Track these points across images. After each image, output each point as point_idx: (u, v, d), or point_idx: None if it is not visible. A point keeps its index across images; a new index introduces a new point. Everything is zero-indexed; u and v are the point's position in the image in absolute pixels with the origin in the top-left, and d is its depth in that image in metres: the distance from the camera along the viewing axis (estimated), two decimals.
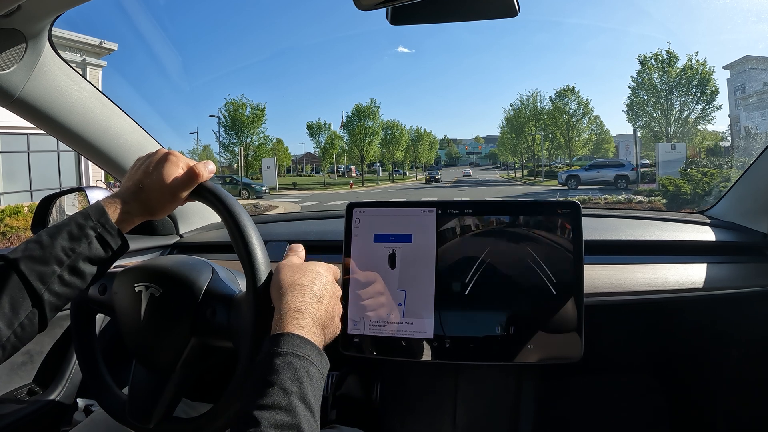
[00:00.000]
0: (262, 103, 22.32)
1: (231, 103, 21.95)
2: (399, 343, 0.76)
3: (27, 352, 0.91)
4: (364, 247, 0.79)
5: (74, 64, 12.24)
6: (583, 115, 22.70)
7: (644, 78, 18.16)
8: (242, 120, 21.74)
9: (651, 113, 18.04)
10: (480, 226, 0.77)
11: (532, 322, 0.73)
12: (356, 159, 25.85)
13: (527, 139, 24.23)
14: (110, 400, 0.63)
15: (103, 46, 12.61)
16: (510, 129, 25.39)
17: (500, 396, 0.98)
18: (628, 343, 0.96)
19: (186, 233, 1.21)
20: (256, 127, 22.03)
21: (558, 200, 0.77)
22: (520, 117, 24.59)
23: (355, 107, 24.96)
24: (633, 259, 0.89)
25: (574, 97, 22.75)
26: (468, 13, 0.62)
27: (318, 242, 1.06)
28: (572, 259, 0.73)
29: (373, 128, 25.11)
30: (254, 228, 0.57)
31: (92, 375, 0.65)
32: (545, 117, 23.61)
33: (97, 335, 0.68)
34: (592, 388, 1.04)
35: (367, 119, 24.94)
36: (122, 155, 1.01)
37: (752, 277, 0.87)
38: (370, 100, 26.81)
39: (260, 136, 22.29)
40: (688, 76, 17.33)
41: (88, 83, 0.91)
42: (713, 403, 1.03)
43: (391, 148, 26.85)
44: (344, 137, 25.69)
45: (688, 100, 17.44)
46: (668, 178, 13.01)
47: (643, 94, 18.20)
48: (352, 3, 0.56)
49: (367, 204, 0.81)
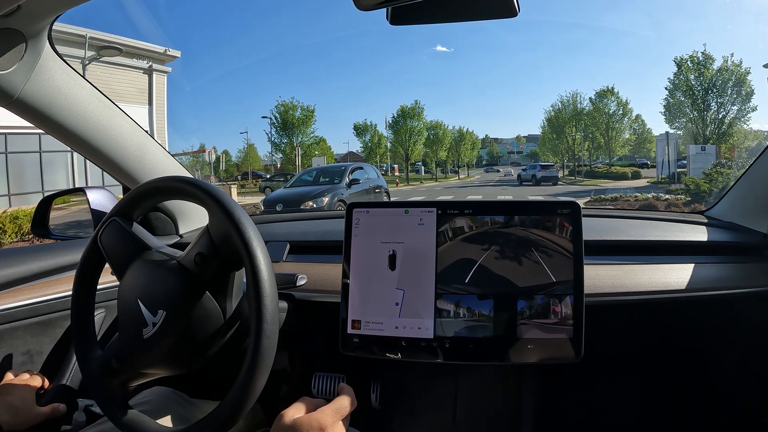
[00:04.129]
0: (312, 105, 23.58)
1: (282, 104, 23.29)
2: (399, 344, 0.76)
3: (27, 352, 0.91)
4: (364, 247, 0.79)
5: (141, 71, 12.34)
6: (623, 115, 23.04)
7: (681, 79, 18.39)
8: (293, 121, 23.06)
9: (688, 114, 18.28)
10: (480, 226, 0.77)
11: (532, 322, 0.73)
12: (400, 158, 26.80)
13: (567, 140, 24.69)
14: (89, 355, 0.66)
15: (168, 53, 14.15)
16: (551, 129, 25.82)
17: (500, 396, 0.98)
18: (629, 343, 0.96)
19: (186, 233, 1.21)
20: (306, 127, 23.28)
21: (558, 200, 0.77)
22: (561, 118, 25.03)
23: (401, 108, 26.02)
24: (633, 260, 0.89)
25: (614, 97, 23.09)
26: (468, 13, 0.62)
27: (318, 242, 1.06)
28: (572, 259, 0.73)
29: (417, 128, 26.12)
30: (254, 228, 0.57)
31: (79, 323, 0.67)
32: (585, 118, 24.02)
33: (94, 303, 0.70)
34: (592, 388, 1.04)
35: (412, 120, 25.97)
36: (122, 156, 1.01)
37: (753, 277, 0.87)
38: (414, 101, 28.10)
39: (310, 136, 23.60)
40: (724, 77, 17.44)
41: (88, 83, 0.91)
42: (713, 404, 1.03)
43: (434, 148, 27.90)
44: (388, 137, 26.64)
45: (724, 101, 17.56)
46: (691, 178, 13.35)
47: (680, 95, 18.44)
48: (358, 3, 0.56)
49: (367, 204, 0.81)
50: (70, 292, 0.68)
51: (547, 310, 0.73)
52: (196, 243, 0.61)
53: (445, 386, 0.98)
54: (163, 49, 14.00)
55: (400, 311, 0.76)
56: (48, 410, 0.75)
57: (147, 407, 0.77)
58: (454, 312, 0.75)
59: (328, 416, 0.53)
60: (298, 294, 0.90)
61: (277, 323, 0.56)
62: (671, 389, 1.03)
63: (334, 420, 0.53)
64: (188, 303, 0.60)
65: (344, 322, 0.78)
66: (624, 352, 0.97)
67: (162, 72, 14.17)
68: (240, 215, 0.57)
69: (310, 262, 1.01)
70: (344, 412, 0.55)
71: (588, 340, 0.71)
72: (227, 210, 0.57)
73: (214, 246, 0.60)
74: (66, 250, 0.99)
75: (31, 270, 0.92)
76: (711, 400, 1.03)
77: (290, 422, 0.52)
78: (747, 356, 0.96)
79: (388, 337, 0.76)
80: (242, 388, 0.53)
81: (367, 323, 0.77)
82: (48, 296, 0.92)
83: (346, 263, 0.80)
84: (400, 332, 0.76)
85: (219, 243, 0.59)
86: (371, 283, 0.78)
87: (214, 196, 0.58)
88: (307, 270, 0.89)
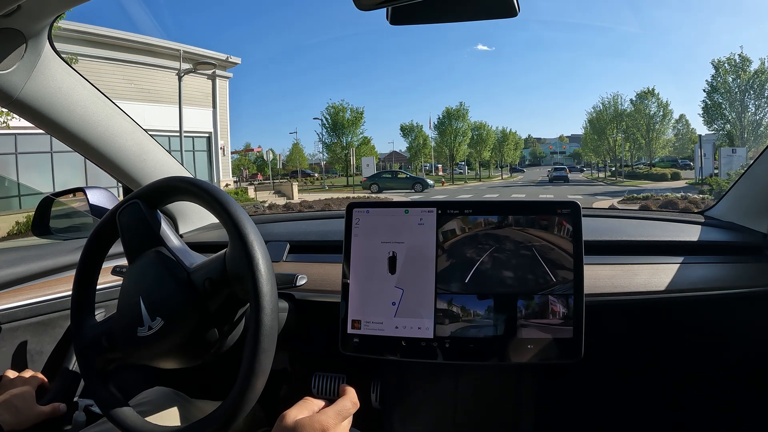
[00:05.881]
0: (361, 107, 24.95)
1: (332, 106, 24.65)
2: (399, 344, 0.76)
3: (27, 352, 0.91)
4: (365, 247, 0.79)
5: (205, 77, 13.68)
6: (663, 117, 23.30)
7: (718, 82, 18.56)
8: (343, 122, 24.36)
9: (726, 116, 18.44)
10: (480, 226, 0.77)
11: (532, 322, 0.73)
12: (444, 158, 27.82)
13: (609, 141, 25.12)
14: (84, 323, 0.67)
15: (230, 60, 15.96)
16: (592, 131, 26.26)
17: (500, 396, 0.98)
18: (629, 343, 0.96)
19: (186, 233, 1.21)
20: (355, 128, 24.67)
21: (558, 200, 0.77)
22: (602, 119, 25.44)
23: (446, 110, 26.89)
24: (633, 259, 0.89)
25: (654, 99, 23.35)
26: (468, 13, 0.62)
27: (318, 242, 1.06)
28: (572, 259, 0.73)
29: (462, 129, 26.99)
30: (254, 228, 0.57)
31: (81, 287, 0.68)
32: (626, 119, 24.34)
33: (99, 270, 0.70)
34: (592, 388, 1.04)
35: (457, 121, 26.83)
36: (122, 155, 1.01)
37: (752, 277, 0.87)
38: (459, 103, 29.01)
39: (359, 137, 25.02)
40: (761, 79, 17.62)
41: (88, 83, 0.91)
42: (713, 404, 1.03)
43: (478, 148, 28.72)
44: (432, 137, 27.63)
45: (761, 102, 17.79)
46: (714, 179, 13.95)
47: (718, 97, 18.60)
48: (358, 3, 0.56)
49: (367, 204, 0.81)
50: (70, 292, 0.68)
51: (547, 310, 0.73)
52: (209, 266, 0.61)
53: (445, 386, 0.98)
54: (225, 56, 15.83)
55: (397, 311, 0.76)
56: (48, 410, 0.75)
57: (147, 407, 0.77)
58: (454, 312, 0.75)
59: (330, 418, 0.53)
60: (298, 294, 0.90)
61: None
62: (671, 389, 1.03)
63: (336, 422, 0.53)
64: (187, 324, 0.60)
65: (344, 322, 0.78)
66: (624, 352, 0.97)
67: (224, 77, 15.97)
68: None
69: (310, 261, 1.01)
70: (347, 413, 0.55)
71: (588, 340, 0.71)
72: (249, 250, 0.55)
73: (227, 279, 0.59)
74: (66, 250, 0.99)
75: (31, 270, 0.92)
76: (710, 400, 1.03)
77: (292, 423, 0.52)
78: (747, 356, 0.96)
79: (388, 337, 0.76)
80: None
81: (367, 323, 0.77)
82: (48, 296, 0.92)
83: (346, 263, 0.80)
84: (400, 332, 0.76)
85: (232, 277, 0.59)
86: (371, 283, 0.78)
87: (242, 231, 0.56)
88: (307, 270, 0.89)
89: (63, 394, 0.85)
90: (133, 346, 0.61)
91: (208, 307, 0.60)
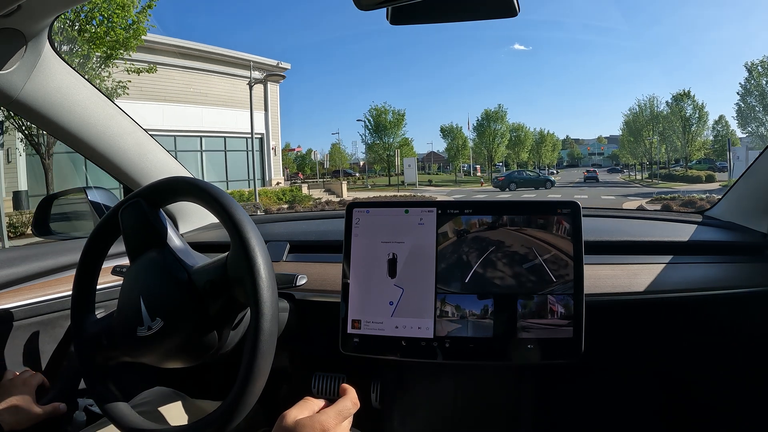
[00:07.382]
0: (402, 109, 26.05)
1: (375, 109, 25.78)
2: (399, 343, 0.76)
3: (27, 352, 0.91)
4: (365, 247, 0.79)
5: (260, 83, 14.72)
6: (699, 119, 23.37)
7: (752, 84, 18.71)
8: (385, 124, 25.43)
9: (760, 118, 18.59)
10: (480, 225, 0.77)
11: (532, 322, 0.73)
12: (483, 159, 28.55)
13: (645, 143, 25.33)
14: (84, 321, 0.67)
15: (280, 66, 17.10)
16: (629, 132, 26.46)
17: (500, 396, 0.98)
18: (629, 343, 0.96)
19: (186, 233, 1.21)
20: (397, 130, 25.66)
21: (558, 200, 0.77)
22: (638, 121, 25.64)
23: (485, 112, 27.77)
24: (633, 259, 0.89)
25: (690, 101, 23.42)
26: (468, 12, 0.62)
27: (318, 242, 1.06)
28: (572, 259, 0.73)
29: (501, 131, 27.66)
30: (255, 231, 0.57)
31: (81, 288, 0.68)
32: (663, 121, 24.56)
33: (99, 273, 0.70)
34: (592, 388, 1.04)
35: (496, 123, 27.56)
36: (123, 156, 1.01)
37: (752, 277, 0.87)
38: (498, 105, 30.52)
39: (401, 137, 26.00)
40: None
41: (88, 83, 0.91)
42: (713, 404, 1.03)
43: (516, 150, 29.52)
44: (470, 138, 28.44)
45: None
46: (732, 180, 13.88)
47: (752, 99, 18.76)
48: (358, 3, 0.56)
49: (367, 204, 0.81)
50: (70, 292, 0.68)
51: (546, 310, 0.73)
52: (211, 267, 0.61)
53: (445, 386, 0.98)
54: (276, 62, 17.00)
55: (394, 310, 0.76)
56: (48, 410, 0.75)
57: (147, 407, 0.77)
58: (454, 312, 0.75)
59: (331, 418, 0.52)
60: (298, 294, 0.90)
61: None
62: (671, 389, 1.03)
63: (337, 422, 0.53)
64: (187, 325, 0.60)
65: (344, 321, 0.78)
66: (624, 351, 0.97)
67: (275, 82, 17.00)
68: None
69: (310, 261, 1.01)
70: (347, 413, 0.55)
71: (588, 340, 0.71)
72: (250, 255, 0.55)
73: (228, 282, 0.59)
74: (66, 250, 0.99)
75: (31, 270, 0.92)
76: (711, 400, 1.03)
77: (292, 423, 0.51)
78: (747, 356, 0.96)
79: (388, 336, 0.76)
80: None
81: (367, 323, 0.77)
82: (48, 296, 0.92)
83: (346, 263, 0.80)
84: (400, 332, 0.76)
85: (233, 281, 0.59)
86: (371, 283, 0.78)
87: (243, 234, 0.56)
88: (307, 270, 0.89)
89: (63, 394, 0.85)
90: (133, 346, 0.61)
91: (209, 309, 0.60)
